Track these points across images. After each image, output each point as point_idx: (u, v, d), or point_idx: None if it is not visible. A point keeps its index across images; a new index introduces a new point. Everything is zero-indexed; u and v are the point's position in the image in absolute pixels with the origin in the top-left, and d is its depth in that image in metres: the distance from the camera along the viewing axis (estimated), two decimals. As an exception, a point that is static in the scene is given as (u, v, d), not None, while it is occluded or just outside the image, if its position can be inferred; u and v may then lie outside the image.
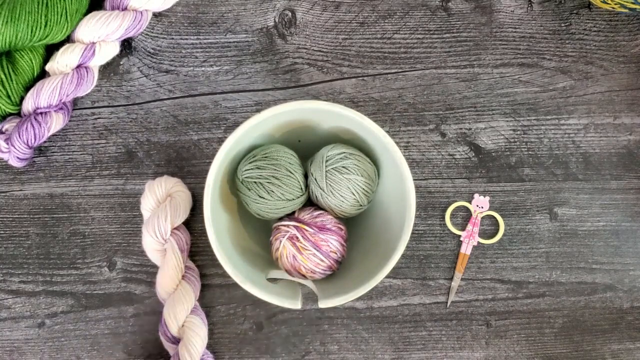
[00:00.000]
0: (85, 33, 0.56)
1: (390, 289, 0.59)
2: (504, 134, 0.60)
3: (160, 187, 0.56)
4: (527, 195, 0.60)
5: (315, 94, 0.60)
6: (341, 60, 0.60)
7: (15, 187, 0.59)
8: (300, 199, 0.53)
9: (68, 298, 0.59)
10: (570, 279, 0.60)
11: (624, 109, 0.61)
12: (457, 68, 0.60)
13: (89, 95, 0.60)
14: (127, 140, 0.60)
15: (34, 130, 0.54)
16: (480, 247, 0.60)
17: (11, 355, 0.58)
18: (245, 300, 0.59)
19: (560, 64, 0.61)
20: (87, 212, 0.59)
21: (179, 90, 0.60)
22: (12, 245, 0.59)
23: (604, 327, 0.60)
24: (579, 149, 0.60)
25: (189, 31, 0.60)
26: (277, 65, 0.60)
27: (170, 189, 0.56)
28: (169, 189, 0.56)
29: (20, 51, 0.56)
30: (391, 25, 0.61)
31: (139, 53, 0.60)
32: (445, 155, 0.60)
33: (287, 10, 0.60)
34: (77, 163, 0.59)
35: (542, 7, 0.61)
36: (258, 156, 0.53)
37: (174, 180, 0.57)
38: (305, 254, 0.52)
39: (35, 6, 0.53)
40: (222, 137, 0.60)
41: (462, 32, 0.61)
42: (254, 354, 0.58)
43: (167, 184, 0.56)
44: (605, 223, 0.60)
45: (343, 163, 0.52)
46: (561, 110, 0.61)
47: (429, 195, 0.60)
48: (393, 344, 0.59)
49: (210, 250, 0.50)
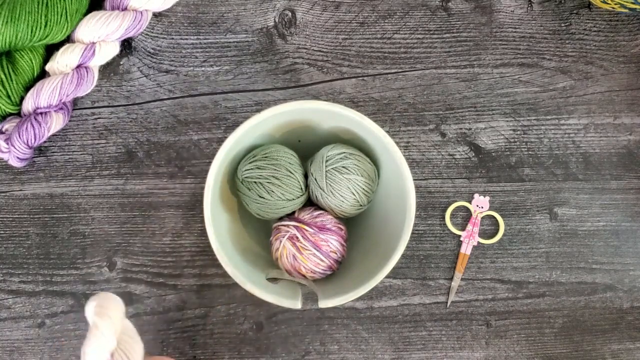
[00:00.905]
0: (85, 33, 0.56)
1: (390, 289, 0.59)
2: (504, 134, 0.60)
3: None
4: (527, 195, 0.60)
5: (315, 94, 0.60)
6: (341, 60, 0.60)
7: (15, 187, 0.59)
8: (300, 199, 0.53)
9: (68, 298, 0.59)
10: (570, 279, 0.60)
11: (624, 109, 0.61)
12: (457, 68, 0.60)
13: (89, 95, 0.60)
14: (127, 140, 0.60)
15: (34, 130, 0.54)
16: (480, 247, 0.60)
17: (11, 355, 0.58)
18: (245, 300, 0.59)
19: (560, 64, 0.61)
20: (87, 212, 0.59)
21: (179, 90, 0.60)
22: (12, 245, 0.59)
23: (604, 327, 0.60)
24: (579, 149, 0.60)
25: (189, 31, 0.60)
26: (277, 65, 0.60)
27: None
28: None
29: (20, 51, 0.56)
30: (391, 25, 0.61)
31: (139, 53, 0.60)
32: (445, 155, 0.60)
33: (287, 10, 0.60)
34: (77, 163, 0.59)
35: (542, 7, 0.61)
36: (258, 156, 0.53)
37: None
38: (305, 254, 0.52)
39: (35, 6, 0.53)
40: (222, 137, 0.60)
41: (462, 32, 0.61)
42: (254, 354, 0.58)
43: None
44: (605, 223, 0.60)
45: (343, 163, 0.52)
46: (561, 110, 0.61)
47: (429, 195, 0.60)
48: (393, 344, 0.59)
49: (210, 250, 0.50)
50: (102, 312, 0.42)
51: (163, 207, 0.59)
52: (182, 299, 0.59)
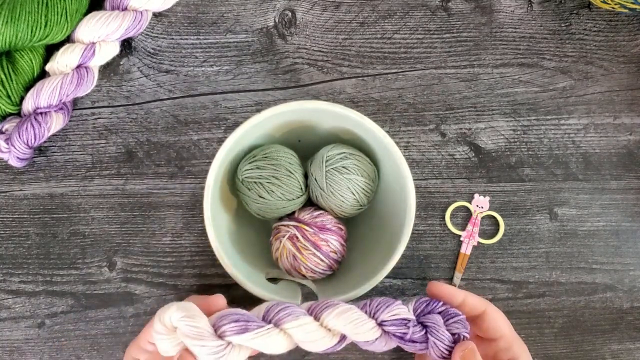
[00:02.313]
0: (85, 33, 0.56)
1: (390, 289, 0.59)
2: (504, 134, 0.60)
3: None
4: (527, 195, 0.60)
5: (315, 94, 0.60)
6: (341, 60, 0.60)
7: (15, 187, 0.59)
8: (300, 199, 0.53)
9: (68, 298, 0.59)
10: (570, 279, 0.60)
11: (624, 109, 0.61)
12: (457, 68, 0.60)
13: (89, 95, 0.60)
14: (127, 140, 0.60)
15: (34, 130, 0.54)
16: (480, 247, 0.60)
17: (11, 355, 0.58)
18: (245, 300, 0.59)
19: (560, 64, 0.61)
20: (87, 212, 0.59)
21: (179, 90, 0.60)
22: (12, 245, 0.59)
23: (604, 327, 0.60)
24: (579, 149, 0.60)
25: (189, 31, 0.60)
26: (277, 65, 0.60)
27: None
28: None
29: (20, 51, 0.56)
30: (391, 25, 0.61)
31: (139, 53, 0.60)
32: (445, 155, 0.60)
33: (287, 10, 0.60)
34: (77, 163, 0.59)
35: (542, 7, 0.61)
36: (258, 156, 0.53)
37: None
38: (305, 254, 0.52)
39: (35, 6, 0.53)
40: (222, 137, 0.60)
41: (462, 32, 0.61)
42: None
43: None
44: (605, 223, 0.60)
45: (343, 163, 0.52)
46: (561, 110, 0.61)
47: (429, 195, 0.60)
48: (393, 344, 0.59)
49: (210, 250, 0.50)
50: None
51: (163, 207, 0.59)
52: (182, 299, 0.59)
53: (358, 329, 0.44)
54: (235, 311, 0.43)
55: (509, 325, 0.49)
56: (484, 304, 0.48)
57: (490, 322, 0.48)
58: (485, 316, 0.48)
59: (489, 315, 0.48)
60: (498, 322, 0.48)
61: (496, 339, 0.48)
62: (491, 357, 0.49)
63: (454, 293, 0.46)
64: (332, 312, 0.43)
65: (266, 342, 0.42)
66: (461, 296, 0.47)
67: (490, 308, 0.48)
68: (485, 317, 0.48)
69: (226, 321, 0.42)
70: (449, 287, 0.47)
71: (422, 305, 0.45)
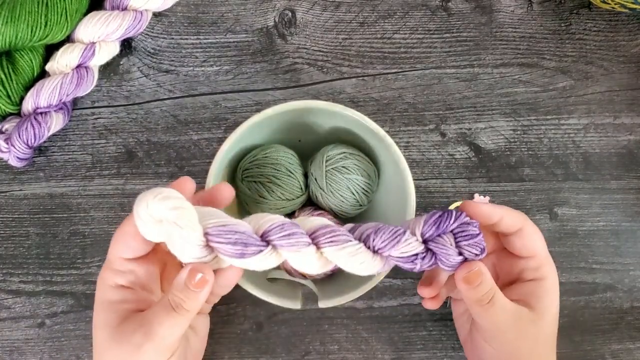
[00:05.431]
0: (85, 33, 0.56)
1: (390, 289, 0.59)
2: (504, 134, 0.60)
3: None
4: (527, 195, 0.60)
5: (315, 94, 0.60)
6: (341, 60, 0.60)
7: (15, 187, 0.59)
8: (300, 199, 0.53)
9: (68, 298, 0.59)
10: (570, 279, 0.60)
11: (624, 109, 0.61)
12: (457, 68, 0.60)
13: (89, 95, 0.60)
14: (127, 140, 0.60)
15: (34, 130, 0.54)
16: (480, 247, 0.60)
17: (11, 355, 0.58)
18: (245, 300, 0.59)
19: (560, 64, 0.61)
20: (87, 212, 0.59)
21: (179, 90, 0.60)
22: (12, 245, 0.59)
23: (604, 327, 0.60)
24: (579, 149, 0.60)
25: (189, 31, 0.60)
26: (277, 65, 0.60)
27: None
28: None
29: (20, 51, 0.56)
30: (391, 25, 0.61)
31: (139, 53, 0.60)
32: (445, 155, 0.60)
33: (287, 10, 0.60)
34: (77, 163, 0.59)
35: (542, 7, 0.61)
36: (258, 156, 0.53)
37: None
38: (305, 253, 0.52)
39: (35, 6, 0.53)
40: (222, 137, 0.60)
41: (462, 32, 0.61)
42: (254, 354, 0.58)
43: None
44: (605, 223, 0.60)
45: (343, 163, 0.52)
46: (561, 110, 0.61)
47: (429, 195, 0.60)
48: (393, 344, 0.59)
49: (210, 250, 0.50)
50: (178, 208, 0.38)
51: (163, 207, 0.59)
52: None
53: (360, 269, 0.41)
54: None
55: (544, 245, 0.45)
56: (522, 221, 0.44)
57: (526, 240, 0.44)
58: (521, 233, 0.44)
59: (525, 232, 0.44)
60: (534, 241, 0.44)
61: (527, 257, 0.45)
62: (515, 275, 0.46)
63: (491, 213, 0.42)
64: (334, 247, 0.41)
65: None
66: (498, 215, 0.42)
67: (527, 225, 0.44)
68: (521, 234, 0.44)
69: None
70: (484, 206, 0.42)
71: (431, 229, 0.41)
